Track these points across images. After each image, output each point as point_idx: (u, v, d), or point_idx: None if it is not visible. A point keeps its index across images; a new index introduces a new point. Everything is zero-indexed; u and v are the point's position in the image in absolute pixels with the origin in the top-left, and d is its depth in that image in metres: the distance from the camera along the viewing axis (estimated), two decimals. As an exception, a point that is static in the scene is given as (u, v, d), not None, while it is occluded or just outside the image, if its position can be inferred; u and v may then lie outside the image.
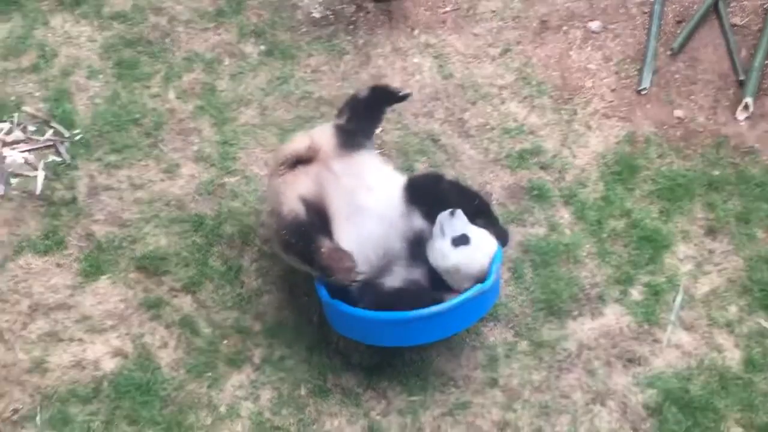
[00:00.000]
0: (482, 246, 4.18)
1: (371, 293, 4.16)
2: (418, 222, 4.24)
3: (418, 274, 4.21)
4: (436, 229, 4.16)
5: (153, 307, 4.54)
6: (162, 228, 4.76)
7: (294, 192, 4.24)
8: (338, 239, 4.16)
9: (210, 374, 4.38)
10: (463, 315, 4.19)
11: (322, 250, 4.08)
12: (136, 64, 5.28)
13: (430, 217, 4.19)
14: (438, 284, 4.20)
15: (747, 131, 5.23)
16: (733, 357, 4.51)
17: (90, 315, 4.50)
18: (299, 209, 4.19)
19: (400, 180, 4.35)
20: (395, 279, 4.20)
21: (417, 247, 4.22)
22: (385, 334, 4.19)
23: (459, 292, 4.14)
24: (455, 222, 4.13)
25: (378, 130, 4.78)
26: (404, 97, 4.62)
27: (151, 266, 4.64)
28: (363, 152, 4.38)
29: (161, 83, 5.24)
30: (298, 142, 4.40)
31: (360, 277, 4.07)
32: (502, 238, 4.31)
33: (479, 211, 4.32)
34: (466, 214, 4.18)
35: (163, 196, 4.86)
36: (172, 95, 5.21)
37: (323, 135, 4.41)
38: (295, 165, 4.33)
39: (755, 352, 4.51)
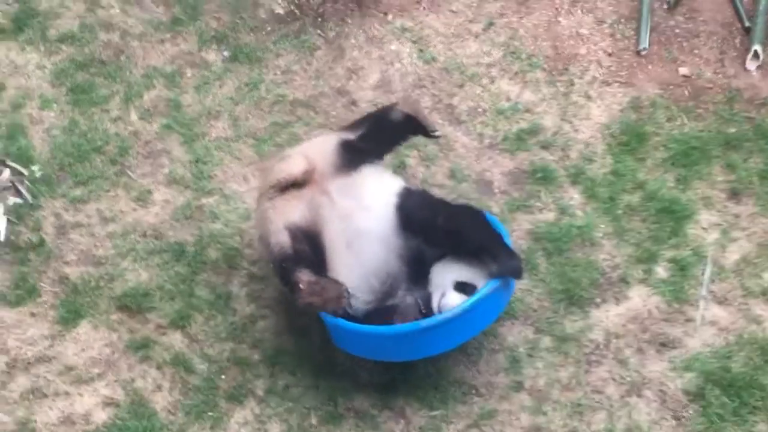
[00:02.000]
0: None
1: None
2: (413, 240, 4.20)
3: (411, 299, 4.21)
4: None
5: (141, 348, 4.52)
6: (140, 261, 4.74)
7: (282, 221, 4.18)
8: (339, 270, 4.11)
9: (211, 414, 4.36)
10: (479, 317, 4.17)
11: (300, 285, 4.01)
12: (91, 88, 5.27)
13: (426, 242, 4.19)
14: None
15: (760, 81, 5.22)
16: (773, 327, 4.52)
17: (74, 365, 4.48)
18: (285, 242, 4.14)
19: (395, 187, 4.26)
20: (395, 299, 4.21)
21: (416, 267, 4.20)
22: (398, 349, 4.18)
23: None
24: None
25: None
26: (434, 137, 4.52)
27: (133, 304, 4.62)
28: (363, 169, 4.28)
29: (121, 105, 5.22)
30: (294, 165, 4.27)
31: (351, 301, 4.03)
32: (513, 272, 4.12)
33: (481, 249, 4.14)
34: (468, 251, 4.13)
35: (138, 226, 4.84)
36: (134, 116, 5.19)
37: (321, 151, 4.31)
38: (286, 188, 4.25)
39: (797, 318, 4.51)
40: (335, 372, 4.45)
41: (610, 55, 5.34)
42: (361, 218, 4.15)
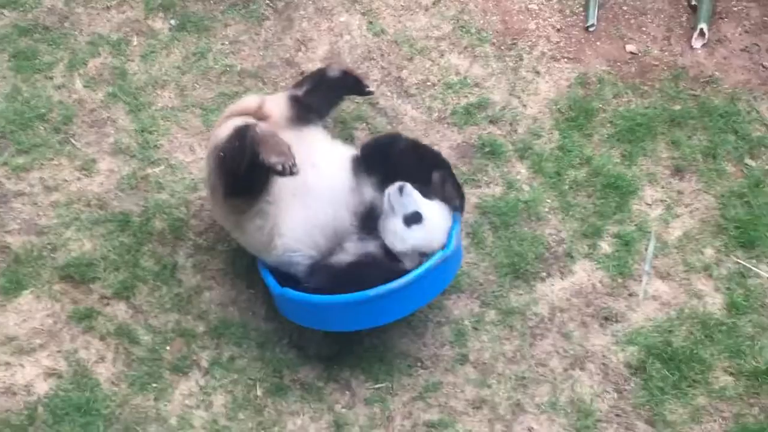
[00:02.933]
0: (437, 221, 4.19)
1: (322, 274, 4.16)
2: (369, 193, 4.25)
3: (372, 246, 4.20)
4: (386, 206, 4.16)
5: (84, 318, 4.46)
6: (84, 231, 4.68)
7: (236, 121, 4.28)
8: (283, 219, 4.15)
9: (155, 385, 4.33)
10: (428, 287, 4.19)
11: (258, 129, 4.11)
12: (34, 54, 5.16)
13: (384, 184, 4.21)
14: (394, 255, 4.19)
15: (705, 59, 5.27)
16: (714, 302, 4.57)
17: (15, 335, 4.41)
18: (239, 123, 4.23)
19: (348, 153, 4.37)
20: (347, 255, 4.20)
21: (368, 219, 4.23)
22: (346, 318, 4.18)
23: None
24: (405, 199, 4.14)
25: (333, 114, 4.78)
26: (369, 93, 4.79)
27: (77, 274, 4.56)
28: (312, 128, 4.42)
29: (65, 72, 5.13)
30: (249, 100, 4.51)
31: (295, 170, 4.03)
32: (458, 200, 4.28)
33: (436, 166, 4.34)
34: (421, 174, 4.22)
35: (82, 195, 4.78)
36: (79, 84, 5.11)
37: (276, 104, 4.46)
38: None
39: (737, 294, 4.58)
40: (281, 344, 4.44)
41: (558, 30, 5.36)
42: (309, 174, 4.19)
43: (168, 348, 4.42)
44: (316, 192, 4.20)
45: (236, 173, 4.13)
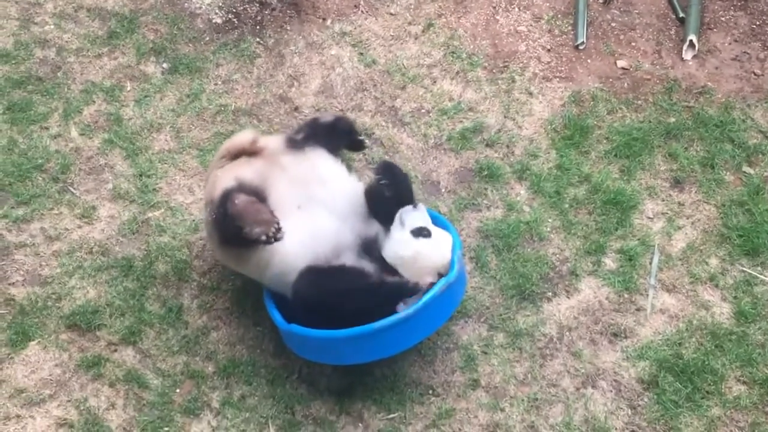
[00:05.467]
0: (442, 240, 4.21)
1: (307, 276, 4.14)
2: (376, 226, 4.28)
3: (367, 265, 4.21)
4: (396, 221, 4.22)
5: (92, 366, 4.45)
6: (88, 279, 4.68)
7: (231, 175, 4.24)
8: (287, 229, 4.09)
9: (167, 429, 4.31)
10: (434, 315, 4.18)
11: (236, 201, 4.05)
12: (29, 105, 5.19)
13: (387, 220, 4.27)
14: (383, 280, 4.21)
15: (696, 71, 5.29)
16: (722, 312, 4.57)
17: (24, 387, 4.40)
18: (232, 185, 4.17)
19: (355, 182, 4.38)
20: (341, 261, 4.21)
21: (370, 245, 4.25)
22: (355, 351, 4.17)
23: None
24: (417, 215, 4.20)
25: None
26: (360, 143, 4.71)
27: (82, 322, 4.56)
28: (316, 149, 4.39)
29: (60, 121, 5.15)
30: (242, 135, 4.46)
31: (280, 235, 4.01)
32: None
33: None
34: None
35: (84, 243, 4.78)
36: (74, 133, 5.12)
37: (272, 139, 4.46)
38: (237, 157, 4.36)
39: (744, 302, 4.57)
40: (291, 379, 4.43)
41: (549, 50, 5.38)
42: (316, 188, 4.25)
43: (178, 390, 4.41)
44: (322, 205, 4.22)
45: (228, 235, 4.16)
